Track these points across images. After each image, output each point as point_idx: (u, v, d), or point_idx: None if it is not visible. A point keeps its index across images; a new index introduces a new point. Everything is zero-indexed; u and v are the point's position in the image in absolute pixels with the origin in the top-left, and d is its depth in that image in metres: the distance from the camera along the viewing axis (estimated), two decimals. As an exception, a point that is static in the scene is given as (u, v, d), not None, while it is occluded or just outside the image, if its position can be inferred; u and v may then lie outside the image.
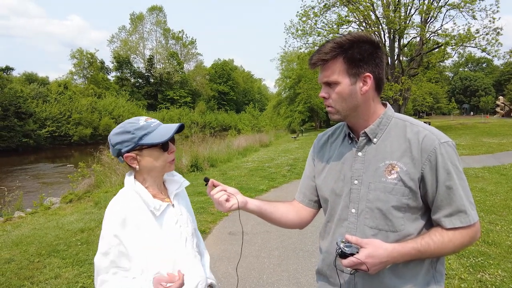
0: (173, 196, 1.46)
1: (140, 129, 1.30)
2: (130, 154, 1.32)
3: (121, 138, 1.31)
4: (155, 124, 1.34)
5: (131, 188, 1.35)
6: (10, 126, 35.27)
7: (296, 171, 10.42)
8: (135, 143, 1.30)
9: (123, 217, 1.28)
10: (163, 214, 1.36)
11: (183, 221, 1.43)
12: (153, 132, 1.31)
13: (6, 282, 3.62)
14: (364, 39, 1.16)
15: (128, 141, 1.30)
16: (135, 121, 1.33)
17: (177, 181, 1.51)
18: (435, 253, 1.14)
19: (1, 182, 16.57)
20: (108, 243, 1.26)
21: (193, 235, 1.49)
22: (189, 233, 1.45)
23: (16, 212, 8.07)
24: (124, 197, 1.34)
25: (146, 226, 1.30)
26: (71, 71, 58.38)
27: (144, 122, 1.33)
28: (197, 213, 6.10)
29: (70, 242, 4.86)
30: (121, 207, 1.30)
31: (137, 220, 1.29)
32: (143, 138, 1.30)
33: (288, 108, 43.50)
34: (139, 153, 1.33)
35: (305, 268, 3.88)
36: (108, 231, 1.27)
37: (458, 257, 3.84)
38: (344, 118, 1.25)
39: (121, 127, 1.33)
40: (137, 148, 1.31)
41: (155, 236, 1.31)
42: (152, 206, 1.32)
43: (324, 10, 24.13)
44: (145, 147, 1.31)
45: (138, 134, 1.30)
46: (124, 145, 1.31)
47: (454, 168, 1.13)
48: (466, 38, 21.28)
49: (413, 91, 24.12)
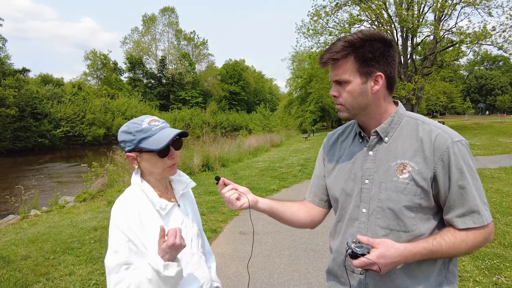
0: (179, 196, 1.46)
1: (141, 132, 1.29)
2: (131, 154, 1.33)
3: (124, 138, 1.32)
4: (157, 128, 1.31)
5: (138, 187, 1.35)
6: (26, 126, 36.11)
7: (307, 171, 10.37)
8: (135, 145, 1.30)
9: (129, 215, 1.27)
10: (169, 213, 1.36)
11: (188, 222, 1.43)
12: (152, 136, 1.29)
13: (23, 278, 3.70)
14: (376, 37, 1.15)
15: (129, 141, 1.30)
16: (138, 122, 1.32)
17: (184, 181, 1.50)
18: (447, 254, 1.12)
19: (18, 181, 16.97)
20: (117, 240, 1.25)
21: (198, 236, 1.49)
22: (194, 234, 1.44)
23: (32, 210, 8.27)
24: (130, 195, 1.34)
25: (151, 225, 1.29)
26: (85, 72, 59.60)
27: (147, 124, 1.31)
28: (208, 213, 6.14)
29: (83, 240, 4.95)
30: (128, 206, 1.30)
31: (143, 218, 1.29)
32: (142, 142, 1.29)
33: (299, 108, 43.37)
34: (139, 155, 1.33)
35: (316, 268, 3.86)
36: (116, 229, 1.26)
37: (472, 259, 3.77)
38: (353, 117, 1.24)
39: (126, 126, 1.33)
40: (137, 149, 1.31)
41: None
42: (158, 205, 1.32)
43: (335, 9, 23.95)
44: (144, 150, 1.30)
45: (137, 137, 1.29)
46: (126, 145, 1.32)
47: (467, 168, 1.11)
48: (482, 36, 20.80)
49: (427, 90, 23.74)
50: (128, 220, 1.26)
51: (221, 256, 4.32)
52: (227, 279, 3.70)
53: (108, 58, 60.41)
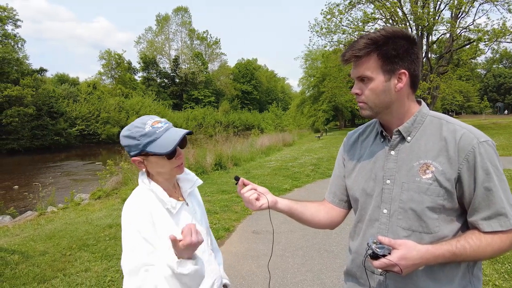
0: (187, 194, 1.46)
1: (145, 136, 1.27)
2: (137, 158, 1.31)
3: (128, 143, 1.30)
4: (161, 130, 1.29)
5: (146, 187, 1.34)
6: (43, 125, 36.98)
7: (320, 171, 10.31)
8: (140, 149, 1.28)
9: (142, 215, 1.26)
10: (179, 212, 1.35)
11: (197, 219, 1.43)
12: (158, 139, 1.27)
13: (41, 273, 3.79)
14: (400, 35, 1.13)
15: (134, 146, 1.29)
16: (141, 126, 1.29)
17: (191, 179, 1.49)
18: (471, 257, 1.08)
19: (36, 179, 17.40)
20: (133, 240, 1.23)
21: (207, 233, 1.49)
22: (204, 231, 1.44)
23: (49, 207, 8.46)
24: (140, 196, 1.33)
25: (163, 225, 1.28)
26: (99, 71, 60.34)
27: (150, 127, 1.28)
28: (221, 211, 6.16)
29: (99, 237, 5.02)
30: (139, 206, 1.29)
31: (153, 218, 1.28)
32: (148, 146, 1.27)
33: (311, 107, 43.05)
34: (145, 158, 1.32)
35: (330, 269, 3.83)
36: (130, 230, 1.25)
37: (491, 262, 3.67)
38: (375, 115, 1.21)
39: (128, 130, 1.30)
40: (143, 153, 1.30)
41: (171, 234, 1.30)
42: (168, 204, 1.31)
43: (349, 7, 23.73)
44: (151, 154, 1.29)
45: (142, 141, 1.27)
46: (132, 149, 1.30)
47: (494, 169, 1.07)
48: (501, 33, 20.25)
49: (442, 90, 23.24)
50: (141, 220, 1.26)
51: (234, 255, 4.32)
52: (240, 278, 3.70)
53: (122, 58, 61.14)
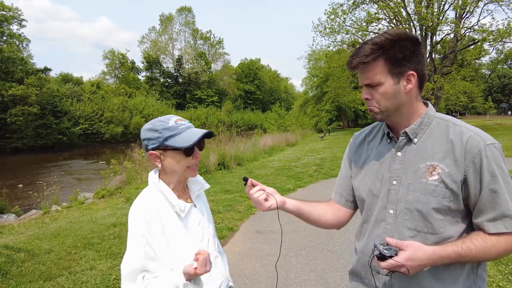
0: (195, 197, 1.46)
1: (168, 130, 1.29)
2: (155, 152, 1.31)
3: (149, 135, 1.31)
4: (183, 127, 1.31)
5: (155, 188, 1.34)
6: (47, 124, 37.21)
7: (323, 171, 10.31)
8: (160, 142, 1.29)
9: (148, 217, 1.26)
10: (188, 215, 1.35)
11: (205, 222, 1.43)
12: (179, 135, 1.29)
13: (47, 271, 3.82)
14: (404, 37, 1.14)
15: (154, 139, 1.29)
16: (165, 120, 1.32)
17: (199, 182, 1.50)
18: (476, 258, 1.10)
19: (40, 178, 17.50)
20: (135, 245, 1.24)
21: (214, 236, 1.50)
22: (211, 234, 1.45)
23: (53, 205, 8.51)
24: (149, 196, 1.33)
25: (171, 227, 1.29)
26: (103, 71, 60.75)
27: (174, 123, 1.31)
28: (224, 211, 6.18)
29: (103, 236, 5.06)
30: (147, 207, 1.28)
31: (162, 220, 1.28)
32: (168, 140, 1.28)
33: (315, 107, 43.00)
34: (163, 153, 1.31)
35: (333, 269, 3.83)
36: (135, 232, 1.25)
37: (495, 263, 3.67)
38: (387, 118, 1.22)
39: (152, 124, 1.32)
40: (162, 147, 1.30)
41: (180, 237, 1.30)
42: (177, 207, 1.31)
43: (353, 7, 23.74)
44: (169, 148, 1.30)
45: (164, 134, 1.28)
46: (151, 142, 1.30)
47: (500, 171, 1.09)
48: (506, 34, 20.18)
49: (446, 90, 23.17)
50: (149, 222, 1.25)
51: (238, 255, 4.34)
52: (244, 277, 3.72)
53: (126, 57, 61.41)
